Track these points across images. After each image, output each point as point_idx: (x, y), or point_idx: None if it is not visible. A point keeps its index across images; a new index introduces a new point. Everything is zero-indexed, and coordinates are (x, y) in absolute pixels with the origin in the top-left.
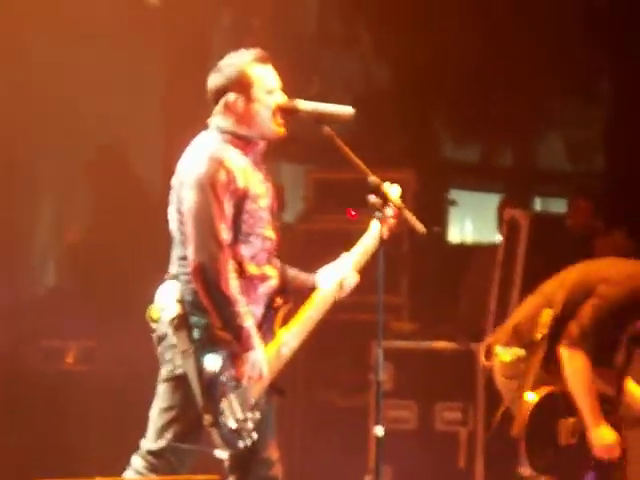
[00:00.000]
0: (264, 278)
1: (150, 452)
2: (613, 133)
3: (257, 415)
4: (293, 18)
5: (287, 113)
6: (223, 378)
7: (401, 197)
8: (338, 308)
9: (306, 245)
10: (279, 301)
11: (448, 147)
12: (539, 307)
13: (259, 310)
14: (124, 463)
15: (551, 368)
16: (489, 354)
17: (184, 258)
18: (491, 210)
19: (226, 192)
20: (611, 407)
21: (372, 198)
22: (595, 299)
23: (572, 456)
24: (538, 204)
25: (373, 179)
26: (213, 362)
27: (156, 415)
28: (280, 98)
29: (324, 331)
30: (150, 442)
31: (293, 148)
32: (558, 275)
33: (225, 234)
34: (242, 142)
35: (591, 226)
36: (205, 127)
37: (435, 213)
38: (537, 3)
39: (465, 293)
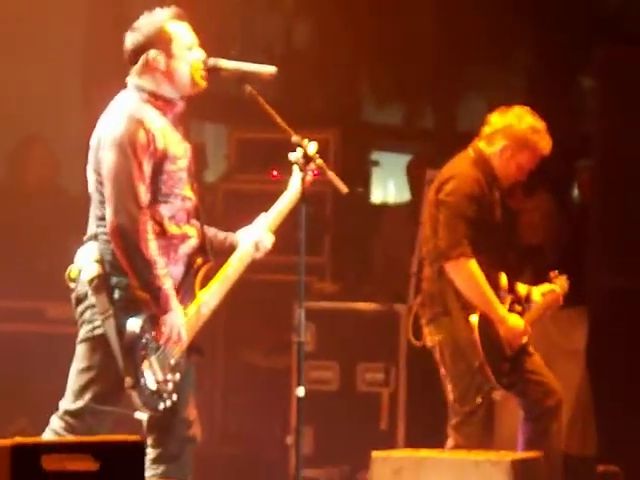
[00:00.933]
0: (184, 238)
1: (68, 412)
2: (533, 96)
3: (177, 376)
4: None
5: (209, 72)
6: (144, 340)
7: (324, 157)
8: (260, 268)
9: (228, 205)
10: (199, 261)
11: (371, 109)
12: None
13: (179, 270)
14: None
15: None
16: (418, 333)
17: (103, 218)
18: None
19: (145, 153)
20: (519, 308)
21: (294, 156)
22: (441, 208)
23: (519, 357)
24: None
25: (296, 139)
26: (134, 324)
27: (74, 375)
28: (199, 54)
29: (246, 292)
30: (68, 402)
31: (215, 107)
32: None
33: (144, 196)
34: (161, 102)
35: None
36: (123, 87)
37: (358, 174)
38: None
39: (383, 253)
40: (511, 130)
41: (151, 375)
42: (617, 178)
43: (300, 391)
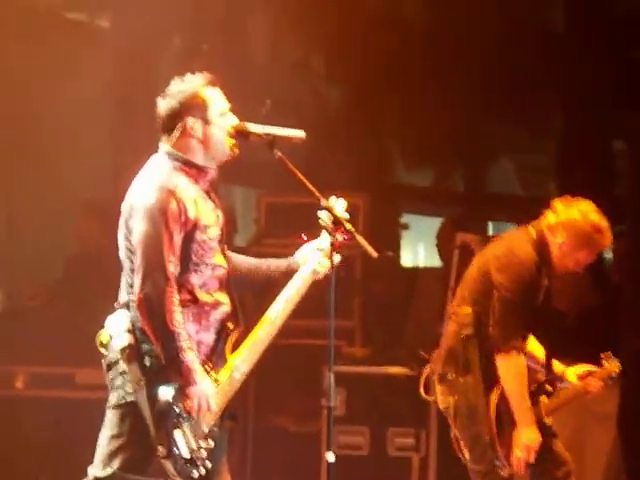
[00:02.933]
0: (216, 305)
1: (97, 479)
2: (564, 160)
3: (210, 443)
4: (242, 42)
5: (239, 136)
6: (176, 409)
7: (353, 221)
8: (290, 333)
9: None
10: (230, 326)
11: (400, 171)
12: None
13: (211, 337)
14: None
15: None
16: (428, 387)
17: (133, 285)
18: None
19: (177, 223)
20: (550, 389)
21: (324, 219)
22: (497, 292)
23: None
24: (491, 228)
25: (325, 203)
26: (166, 393)
27: (104, 442)
28: (233, 120)
29: (276, 356)
30: (97, 469)
31: (245, 171)
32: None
33: (173, 267)
34: (194, 170)
35: None
36: (154, 152)
37: (387, 237)
38: (491, 32)
39: (413, 318)
40: (574, 226)
41: (184, 443)
42: None
43: (330, 456)
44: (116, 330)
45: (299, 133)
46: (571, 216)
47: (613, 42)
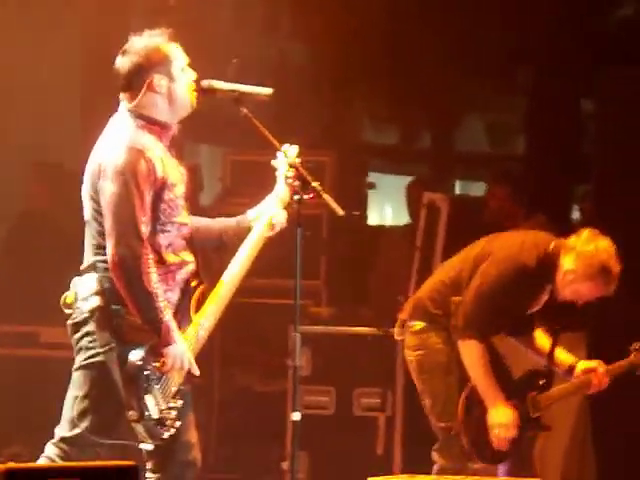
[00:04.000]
0: (182, 264)
1: (64, 439)
2: (533, 117)
3: (179, 403)
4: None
5: (206, 93)
6: (146, 372)
7: (320, 180)
8: (256, 292)
9: None
10: (194, 284)
11: (367, 130)
12: (440, 282)
13: (175, 295)
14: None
15: None
16: (402, 329)
17: (100, 247)
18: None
19: (146, 183)
20: (545, 381)
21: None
22: (477, 279)
23: (516, 438)
24: (458, 187)
25: (291, 160)
26: (135, 356)
27: (70, 402)
28: (192, 75)
29: (242, 315)
30: (64, 430)
31: (210, 129)
32: (464, 250)
33: (145, 228)
34: (158, 127)
35: (509, 212)
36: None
37: (354, 196)
38: None
39: (379, 277)
40: (585, 259)
41: (154, 405)
42: (615, 202)
43: (295, 416)
44: (84, 292)
45: (266, 90)
46: (586, 248)
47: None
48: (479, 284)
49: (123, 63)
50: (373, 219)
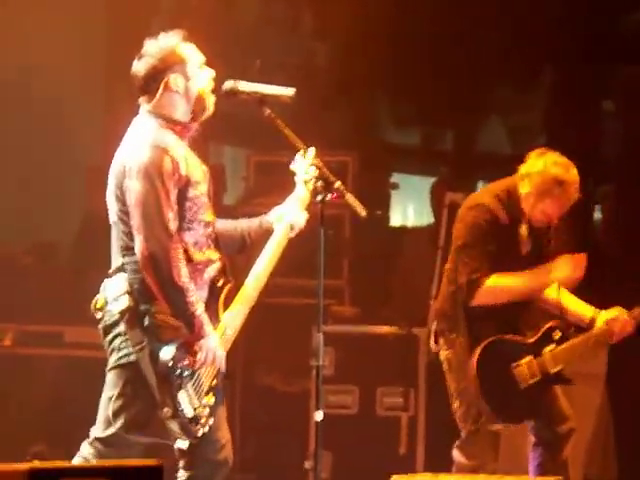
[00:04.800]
0: (208, 263)
1: (98, 439)
2: (554, 119)
3: (212, 400)
4: (233, 0)
5: (228, 94)
6: (178, 370)
7: (343, 180)
8: (279, 292)
9: None
10: (220, 283)
11: (390, 131)
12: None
13: (204, 293)
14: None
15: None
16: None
17: (128, 248)
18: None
19: (171, 180)
20: (562, 335)
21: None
22: (453, 243)
23: (537, 394)
24: (480, 188)
25: (315, 161)
26: (167, 353)
27: (105, 403)
28: (209, 72)
29: (265, 315)
30: (99, 430)
31: (234, 130)
32: None
33: (172, 223)
34: (179, 126)
35: None
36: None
37: (377, 197)
38: None
39: (402, 278)
40: (536, 178)
41: (187, 402)
42: (636, 201)
43: (318, 415)
44: (114, 293)
45: (288, 91)
46: (535, 168)
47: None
48: (455, 245)
49: (139, 67)
50: (396, 219)
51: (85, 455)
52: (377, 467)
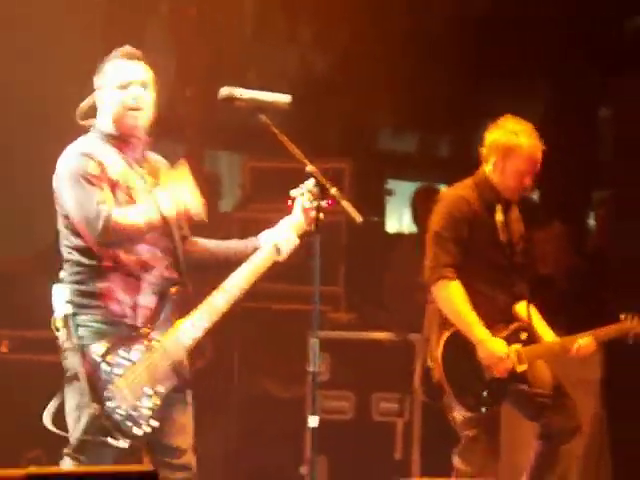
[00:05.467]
0: (148, 268)
1: (72, 448)
2: (550, 125)
3: (155, 402)
4: (229, 8)
5: (225, 101)
6: (107, 366)
7: (338, 186)
8: (275, 298)
9: (242, 234)
10: (173, 290)
11: (385, 137)
12: None
13: (148, 299)
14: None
15: None
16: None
17: (67, 260)
18: None
19: (100, 180)
20: (528, 335)
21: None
22: (428, 231)
23: (504, 383)
24: None
25: (310, 168)
26: (96, 350)
27: (67, 416)
28: (126, 95)
29: (261, 321)
30: (71, 440)
31: (230, 137)
32: None
33: (110, 206)
34: (115, 141)
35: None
36: None
37: (373, 203)
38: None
39: (397, 284)
40: (496, 143)
41: (120, 401)
42: (633, 207)
43: (314, 421)
44: (57, 303)
45: (284, 98)
46: (492, 136)
47: (604, 8)
48: (429, 234)
49: None
50: (391, 225)
51: (66, 464)
52: (373, 472)
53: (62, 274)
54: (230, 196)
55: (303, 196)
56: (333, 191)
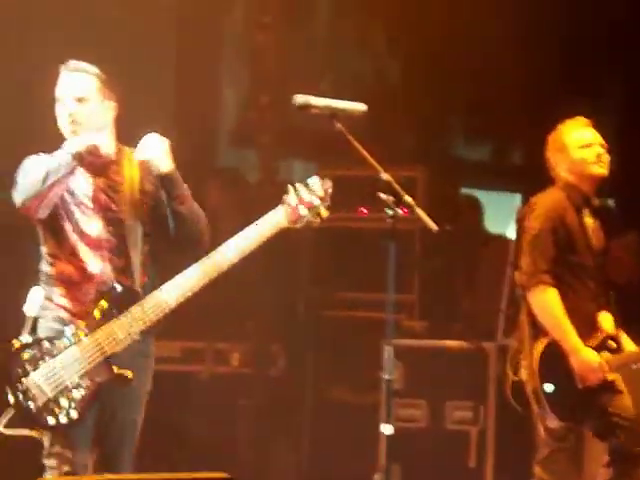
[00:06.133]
0: (87, 273)
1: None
2: (625, 135)
3: (74, 395)
4: (304, 16)
5: (300, 109)
6: (25, 357)
7: (412, 194)
8: (349, 305)
9: (316, 242)
10: (118, 287)
11: (460, 145)
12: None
13: (88, 296)
14: None
15: None
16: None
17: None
18: (503, 208)
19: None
20: (614, 345)
21: (384, 196)
22: (525, 235)
23: (596, 396)
24: None
25: (385, 176)
26: (15, 342)
27: None
28: (71, 108)
29: (335, 329)
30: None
31: (304, 145)
32: None
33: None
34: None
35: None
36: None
37: (446, 211)
38: (554, 7)
39: (472, 292)
40: (553, 142)
41: (33, 391)
42: None
43: (388, 429)
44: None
45: (359, 106)
46: (557, 144)
47: None
48: (526, 238)
49: None
50: (465, 234)
51: (53, 466)
52: None
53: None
54: None
55: (295, 192)
56: (407, 199)
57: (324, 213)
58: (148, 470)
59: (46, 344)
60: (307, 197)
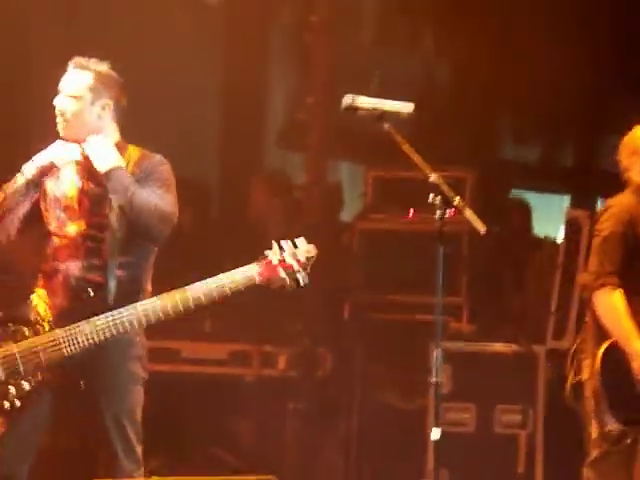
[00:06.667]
0: (63, 271)
1: None
2: None
3: (24, 385)
4: (352, 17)
5: (348, 110)
6: None
7: (461, 196)
8: (397, 309)
9: (363, 244)
10: (90, 293)
11: (509, 146)
12: None
13: (58, 300)
14: None
15: None
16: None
17: None
18: (552, 210)
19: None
20: None
21: (433, 197)
22: (594, 238)
23: None
24: (600, 205)
25: (434, 178)
26: None
27: None
28: (61, 103)
29: (383, 332)
30: None
31: (352, 146)
32: None
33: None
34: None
35: None
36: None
37: (495, 213)
38: (603, 5)
39: (522, 294)
40: (628, 146)
41: None
42: None
43: (436, 433)
44: None
45: (407, 106)
46: (622, 145)
47: None
48: (595, 240)
49: None
50: (514, 236)
51: None
52: None
53: None
54: (351, 206)
55: (279, 250)
56: (456, 200)
57: (302, 281)
58: (196, 473)
59: (11, 327)
60: (289, 259)
